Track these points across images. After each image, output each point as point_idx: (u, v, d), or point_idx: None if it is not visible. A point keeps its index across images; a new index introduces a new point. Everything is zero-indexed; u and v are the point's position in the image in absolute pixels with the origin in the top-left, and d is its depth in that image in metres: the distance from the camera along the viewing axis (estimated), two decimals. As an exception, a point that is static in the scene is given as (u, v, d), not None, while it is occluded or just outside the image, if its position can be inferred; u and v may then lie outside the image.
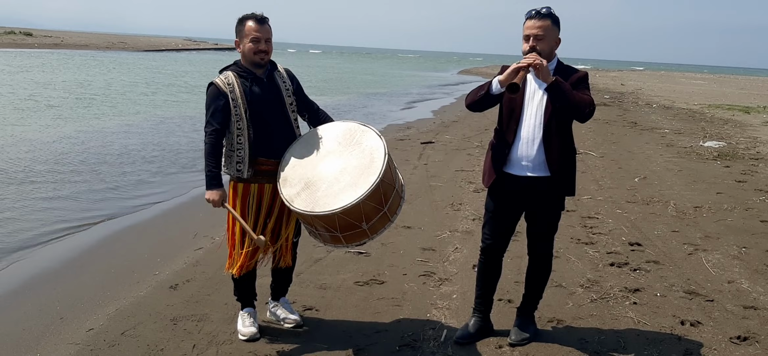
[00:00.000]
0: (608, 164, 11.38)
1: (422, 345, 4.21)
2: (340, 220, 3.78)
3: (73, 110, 16.85)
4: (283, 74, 4.23)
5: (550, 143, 3.95)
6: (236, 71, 4.08)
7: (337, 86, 29.70)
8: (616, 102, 26.42)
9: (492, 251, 4.26)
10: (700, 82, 53.40)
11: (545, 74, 3.79)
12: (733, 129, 17.65)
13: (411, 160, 11.23)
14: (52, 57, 41.76)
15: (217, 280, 5.26)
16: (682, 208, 8.14)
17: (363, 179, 3.79)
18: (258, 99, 4.03)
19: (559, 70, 3.99)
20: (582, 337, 4.36)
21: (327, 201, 3.77)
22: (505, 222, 4.19)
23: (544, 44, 3.91)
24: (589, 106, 3.86)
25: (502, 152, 4.06)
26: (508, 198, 4.11)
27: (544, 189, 4.01)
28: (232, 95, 3.98)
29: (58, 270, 5.90)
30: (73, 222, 7.29)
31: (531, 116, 3.98)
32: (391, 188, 3.94)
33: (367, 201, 3.75)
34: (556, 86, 3.80)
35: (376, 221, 3.88)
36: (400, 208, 4.06)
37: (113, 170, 10.06)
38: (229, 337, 4.26)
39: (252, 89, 4.03)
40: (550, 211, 4.15)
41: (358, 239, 3.94)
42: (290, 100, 4.19)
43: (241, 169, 4.03)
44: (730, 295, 5.21)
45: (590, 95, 3.93)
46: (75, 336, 4.32)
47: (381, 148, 3.92)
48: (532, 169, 3.99)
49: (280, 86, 4.17)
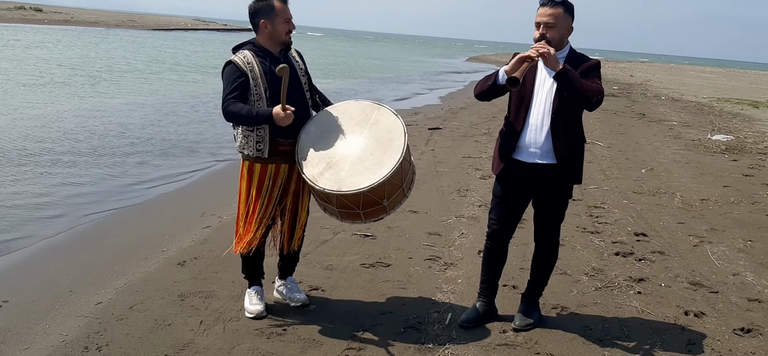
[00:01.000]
0: (615, 154, 11.36)
1: (427, 328, 4.25)
2: (365, 198, 3.89)
3: (82, 88, 16.89)
4: (294, 54, 4.26)
5: (558, 131, 3.96)
6: (253, 50, 4.08)
7: (341, 70, 29.66)
8: (625, 93, 26.31)
9: (498, 237, 4.28)
10: (710, 75, 53.11)
11: (553, 63, 3.80)
12: (741, 123, 17.58)
13: (418, 145, 11.23)
14: (62, 33, 41.79)
15: (225, 258, 5.29)
16: (689, 200, 8.14)
17: (387, 157, 3.90)
18: (277, 79, 4.01)
19: (571, 58, 3.99)
20: (586, 324, 4.39)
21: (354, 180, 3.86)
22: (512, 208, 4.21)
23: (555, 32, 3.92)
24: (597, 95, 3.86)
25: (511, 138, 4.08)
26: (516, 185, 4.13)
27: (552, 176, 4.03)
28: (251, 74, 3.99)
29: (68, 244, 5.96)
30: (83, 202, 7.31)
31: (540, 104, 3.99)
32: (409, 166, 4.08)
33: (391, 179, 3.88)
34: (564, 74, 3.81)
35: (394, 197, 4.03)
36: (413, 184, 4.23)
37: (122, 150, 10.09)
38: (235, 314, 4.31)
39: (271, 68, 4.03)
40: (557, 199, 4.17)
41: (376, 215, 4.08)
42: (304, 79, 4.24)
43: (262, 148, 4.05)
44: (734, 287, 5.23)
45: (600, 84, 3.92)
46: (84, 309, 4.37)
47: (399, 126, 4.03)
48: (540, 156, 4.00)
49: (295, 66, 4.19)
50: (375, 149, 3.97)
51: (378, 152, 3.95)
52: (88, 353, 3.76)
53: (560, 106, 3.93)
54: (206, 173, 9.07)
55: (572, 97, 3.86)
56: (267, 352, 3.83)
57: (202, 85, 19.99)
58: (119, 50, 32.21)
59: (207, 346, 3.86)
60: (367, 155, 3.96)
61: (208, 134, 11.93)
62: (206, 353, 3.79)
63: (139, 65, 24.71)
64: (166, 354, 3.76)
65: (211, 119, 13.45)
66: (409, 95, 22.48)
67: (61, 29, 47.04)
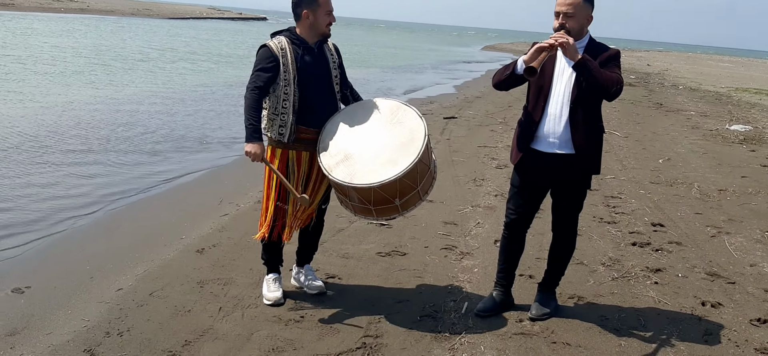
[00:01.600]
0: (632, 144, 11.30)
1: (443, 316, 4.27)
2: (376, 194, 3.90)
3: (96, 77, 17.00)
4: (331, 47, 4.31)
5: (577, 121, 3.95)
6: (290, 38, 4.15)
7: (354, 60, 29.59)
8: (642, 83, 26.10)
9: (516, 226, 4.29)
10: (728, 65, 52.55)
11: (572, 52, 3.79)
12: (760, 113, 17.39)
13: (434, 134, 11.23)
14: (79, 22, 42.05)
15: (243, 245, 5.35)
16: (706, 190, 8.10)
17: (402, 157, 3.91)
18: (307, 68, 4.11)
19: (591, 48, 3.98)
20: (602, 314, 4.39)
21: (366, 175, 3.89)
22: (530, 198, 4.22)
23: (574, 22, 3.91)
24: (616, 84, 3.84)
25: (529, 128, 4.08)
26: (534, 174, 4.14)
27: (570, 166, 4.03)
28: (283, 59, 4.06)
29: (88, 232, 6.03)
30: (102, 191, 7.36)
31: (559, 94, 3.99)
32: (426, 169, 4.06)
33: (404, 179, 3.87)
34: (583, 64, 3.80)
35: (408, 198, 4.01)
36: (432, 188, 4.20)
37: (137, 140, 10.17)
38: (254, 301, 4.35)
39: (304, 57, 4.11)
40: (575, 189, 4.17)
41: (388, 213, 4.07)
42: (336, 73, 4.28)
43: (284, 133, 4.11)
44: (751, 278, 5.20)
45: (619, 74, 3.91)
46: (105, 295, 4.44)
47: (421, 129, 4.03)
48: (558, 146, 4.00)
49: (328, 59, 4.25)
50: (393, 148, 3.99)
51: (395, 151, 3.97)
52: (109, 338, 3.82)
53: (579, 96, 3.93)
54: (223, 163, 9.12)
55: (591, 87, 3.86)
56: (285, 339, 3.87)
57: (215, 74, 20.06)
58: (135, 39, 32.36)
59: (226, 332, 3.92)
60: (383, 152, 3.99)
61: (223, 125, 11.99)
62: (225, 339, 3.84)
63: (152, 54, 24.81)
64: (186, 339, 3.81)
65: (225, 109, 13.52)
66: (424, 84, 22.45)
67: (77, 18, 47.32)
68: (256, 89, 4.05)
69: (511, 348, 3.90)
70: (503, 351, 3.86)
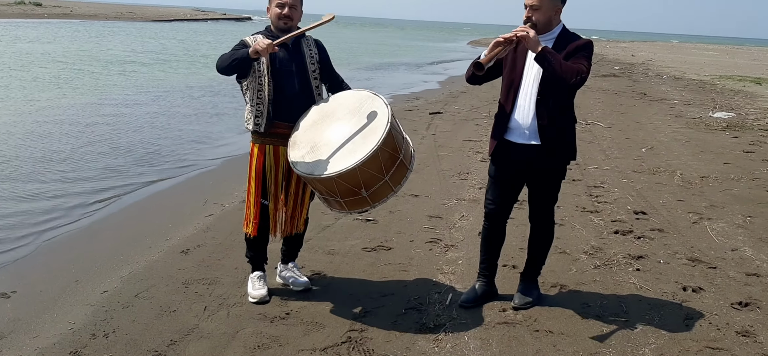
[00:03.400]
0: (616, 134, 11.39)
1: (428, 308, 4.31)
2: (339, 185, 3.86)
3: (79, 82, 16.91)
4: (310, 42, 4.34)
5: (544, 113, 3.99)
6: (265, 34, 4.22)
7: (339, 58, 29.61)
8: (626, 73, 26.26)
9: (495, 217, 4.34)
10: (712, 53, 52.91)
11: (533, 44, 3.83)
12: (743, 100, 17.56)
13: (419, 130, 11.28)
14: (61, 28, 41.78)
15: (228, 245, 5.37)
16: (689, 178, 8.18)
17: (362, 146, 3.85)
18: (281, 63, 4.16)
19: (562, 39, 4.01)
20: (585, 302, 4.44)
21: (327, 165, 3.86)
22: (506, 188, 4.27)
23: (540, 15, 3.95)
24: (576, 75, 3.83)
25: (502, 119, 4.15)
26: (509, 165, 4.19)
27: (541, 157, 4.07)
28: None
29: (72, 236, 6.02)
30: (85, 196, 7.32)
31: (528, 85, 4.04)
32: (394, 158, 3.96)
33: (364, 168, 3.79)
34: (543, 56, 3.83)
35: (376, 189, 3.93)
36: (406, 179, 4.08)
37: (122, 144, 10.14)
38: (239, 300, 4.37)
39: (277, 53, 4.14)
40: (549, 179, 4.21)
41: (358, 206, 4.01)
42: (313, 68, 4.29)
43: (260, 123, 4.16)
44: (733, 263, 5.27)
45: (585, 65, 3.90)
46: (90, 297, 4.44)
47: (385, 117, 3.95)
48: (528, 137, 4.05)
49: (305, 54, 4.27)
50: (356, 138, 3.93)
51: (357, 141, 3.91)
52: (95, 340, 3.83)
53: (546, 87, 3.96)
54: (207, 164, 9.11)
55: (551, 78, 3.89)
56: (270, 336, 3.89)
57: (197, 75, 19.98)
58: (117, 43, 32.19)
59: (211, 331, 3.93)
60: (347, 143, 3.93)
61: (208, 127, 11.98)
62: (210, 338, 3.86)
63: (134, 57, 24.69)
64: (171, 339, 3.83)
65: (210, 111, 13.51)
66: (409, 80, 22.48)
67: (61, 23, 47.02)
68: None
69: (494, 337, 3.94)
70: (487, 340, 3.91)
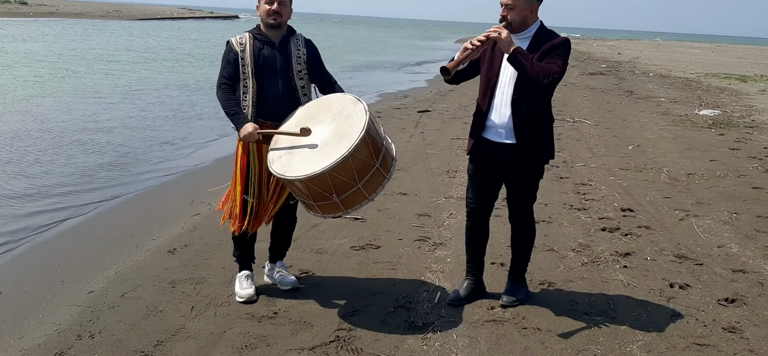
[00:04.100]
0: (603, 132, 11.44)
1: (416, 307, 4.30)
2: (310, 188, 3.84)
3: (67, 81, 16.79)
4: (299, 42, 4.32)
5: (520, 112, 4.00)
6: (253, 33, 4.25)
7: (331, 55, 29.60)
8: (613, 71, 26.40)
9: (476, 216, 4.35)
10: (698, 51, 53.29)
11: (505, 45, 3.83)
12: (729, 98, 17.69)
13: (407, 128, 11.28)
14: (47, 27, 41.46)
15: (215, 245, 5.34)
16: (675, 175, 8.23)
17: (335, 150, 3.79)
18: (265, 62, 4.18)
19: (539, 37, 4.00)
20: (573, 299, 4.46)
21: (299, 167, 3.83)
22: (485, 186, 4.28)
23: (515, 14, 3.95)
24: (548, 76, 3.83)
25: (480, 118, 4.15)
26: (486, 163, 4.20)
27: (516, 156, 4.08)
28: (242, 53, 4.16)
29: (58, 237, 5.97)
30: (72, 197, 7.26)
31: (504, 84, 4.04)
32: (368, 166, 3.89)
33: (334, 174, 3.75)
34: (514, 57, 3.83)
35: (348, 195, 3.89)
36: (383, 187, 4.02)
37: (109, 144, 10.07)
38: (226, 299, 4.35)
39: (262, 51, 4.18)
40: (526, 178, 4.22)
41: (332, 211, 3.98)
42: (300, 68, 4.27)
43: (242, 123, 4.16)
44: (719, 259, 5.30)
45: (559, 64, 3.88)
46: (76, 298, 4.40)
47: (360, 124, 3.85)
48: (504, 136, 4.06)
49: (292, 53, 4.26)
50: (331, 142, 3.88)
51: (332, 145, 3.85)
52: (81, 341, 3.79)
53: (522, 86, 3.96)
54: (195, 163, 9.06)
55: (523, 79, 3.90)
56: (258, 335, 3.87)
57: (189, 74, 19.90)
58: (107, 42, 31.98)
59: (198, 331, 3.91)
60: (323, 146, 3.88)
61: (194, 125, 11.92)
62: (198, 338, 3.83)
63: (122, 56, 24.54)
64: (158, 339, 3.80)
65: (195, 112, 13.44)
66: (397, 78, 22.47)
67: (46, 22, 46.64)
68: (224, 84, 4.20)
69: (482, 335, 3.94)
70: (475, 338, 3.91)
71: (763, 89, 20.43)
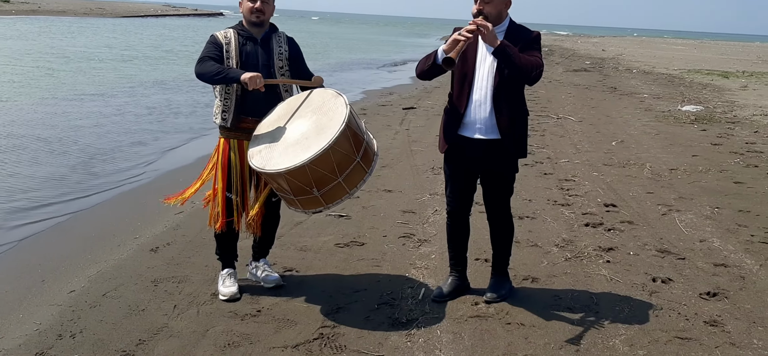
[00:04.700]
0: (586, 128, 11.49)
1: (400, 303, 4.30)
2: (290, 182, 3.81)
3: (44, 80, 16.62)
4: (281, 39, 4.33)
5: (500, 106, 4.00)
6: (236, 29, 4.26)
7: (315, 53, 29.56)
8: (597, 68, 26.53)
9: (456, 214, 4.36)
10: (681, 47, 53.67)
11: (491, 39, 3.81)
12: (711, 93, 17.83)
13: (393, 125, 11.27)
14: (28, 25, 41.04)
15: (198, 243, 5.30)
16: (658, 170, 8.28)
17: (315, 144, 3.78)
18: (248, 57, 4.18)
19: (511, 32, 4.02)
20: (556, 294, 4.47)
21: (279, 161, 3.81)
22: (464, 184, 4.27)
23: (492, 7, 3.94)
24: (536, 69, 3.87)
25: (455, 115, 4.12)
26: (464, 161, 4.19)
27: (496, 151, 4.08)
28: (227, 47, 4.16)
29: (39, 236, 5.91)
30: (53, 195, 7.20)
31: (482, 79, 4.02)
32: (349, 160, 3.88)
33: (314, 167, 3.73)
34: (502, 50, 3.82)
35: (329, 189, 3.87)
36: (364, 182, 4.01)
37: (93, 141, 9.99)
38: (209, 298, 4.32)
39: (244, 47, 4.19)
40: (503, 174, 4.22)
41: (312, 205, 3.96)
42: (281, 64, 4.27)
43: (226, 118, 4.17)
44: (701, 253, 5.34)
45: (540, 58, 3.94)
46: (57, 297, 4.36)
47: (341, 117, 3.84)
48: (484, 132, 4.05)
49: (274, 50, 4.26)
50: (311, 136, 3.86)
51: (312, 139, 3.83)
52: (62, 340, 3.75)
53: (501, 81, 3.97)
54: (179, 162, 9.01)
55: (512, 72, 3.90)
56: (241, 334, 3.85)
57: (167, 71, 19.77)
58: (89, 40, 31.70)
59: (181, 330, 3.88)
60: (302, 140, 3.86)
61: (179, 122, 11.86)
62: (180, 336, 3.80)
63: (105, 54, 24.34)
64: (140, 338, 3.77)
65: (177, 111, 13.35)
66: (382, 75, 22.48)
67: (28, 20, 46.15)
68: (205, 58, 4.13)
69: (466, 330, 3.95)
70: (459, 334, 3.91)
71: (745, 84, 20.62)
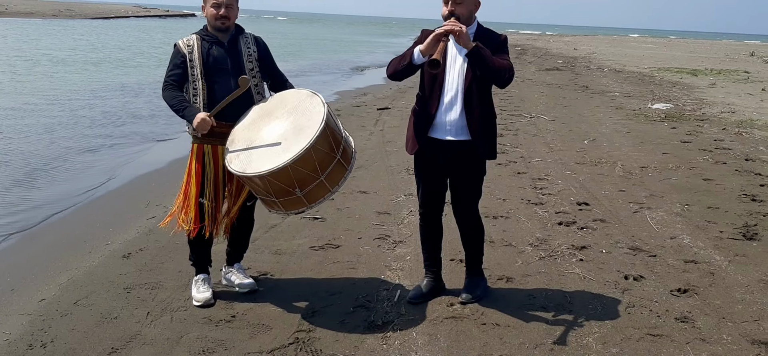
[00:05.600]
0: (559, 127, 11.59)
1: (376, 306, 4.30)
2: (272, 184, 3.80)
3: (11, 84, 16.35)
4: (248, 40, 4.29)
5: (471, 108, 4.01)
6: (200, 34, 4.20)
7: (286, 54, 29.43)
8: (569, 67, 26.77)
9: (428, 215, 4.38)
10: (651, 46, 54.40)
11: (465, 40, 3.82)
12: (680, 91, 18.10)
13: (367, 126, 11.27)
14: None
15: (171, 248, 5.25)
16: (629, 168, 8.38)
17: (296, 144, 3.77)
18: (215, 62, 4.12)
19: (479, 35, 4.04)
20: (530, 294, 4.51)
21: (259, 163, 3.79)
22: (434, 186, 4.29)
23: (463, 9, 3.95)
24: (509, 71, 3.90)
25: (426, 117, 4.12)
26: (434, 162, 4.19)
27: (467, 153, 4.10)
28: (190, 55, 4.10)
29: (8, 244, 5.80)
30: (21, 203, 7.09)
31: (452, 82, 4.04)
32: (330, 158, 3.89)
33: (296, 167, 3.73)
34: (477, 52, 3.84)
35: (311, 189, 3.86)
36: (345, 179, 4.01)
37: (58, 150, 9.84)
38: (183, 304, 4.28)
39: (210, 51, 4.13)
40: (472, 175, 4.23)
41: (295, 206, 3.94)
42: (251, 66, 4.23)
43: None
44: (672, 250, 5.42)
45: (509, 60, 3.97)
46: (27, 306, 4.29)
47: (320, 115, 3.85)
48: (454, 133, 4.06)
49: (242, 52, 4.22)
50: (291, 136, 3.85)
51: (292, 139, 3.83)
52: (32, 351, 3.69)
53: (472, 83, 3.99)
54: (151, 167, 8.91)
55: (485, 75, 3.92)
56: (216, 340, 3.82)
57: (135, 75, 19.56)
58: (55, 41, 31.22)
59: (154, 337, 3.84)
60: (282, 141, 3.86)
61: (152, 126, 11.74)
62: (153, 344, 3.76)
63: (71, 56, 24.00)
64: (112, 347, 3.72)
65: (151, 113, 13.22)
66: (355, 76, 22.44)
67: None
68: (169, 84, 4.13)
69: (442, 332, 3.96)
70: (435, 335, 3.92)
71: (713, 82, 20.97)
